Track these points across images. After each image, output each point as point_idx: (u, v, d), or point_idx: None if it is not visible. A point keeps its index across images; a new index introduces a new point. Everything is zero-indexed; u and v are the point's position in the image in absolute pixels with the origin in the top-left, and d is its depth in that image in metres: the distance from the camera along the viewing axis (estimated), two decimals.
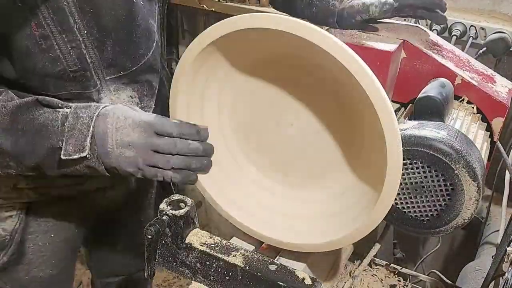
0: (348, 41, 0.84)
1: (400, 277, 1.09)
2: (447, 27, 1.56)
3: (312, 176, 0.80)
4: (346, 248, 0.94)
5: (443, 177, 0.71)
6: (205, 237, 0.70)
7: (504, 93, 0.88)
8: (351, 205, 0.74)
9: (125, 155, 0.72)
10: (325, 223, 0.77)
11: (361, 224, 0.70)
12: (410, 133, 0.72)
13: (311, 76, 0.74)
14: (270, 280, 0.62)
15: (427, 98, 0.79)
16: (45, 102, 0.73)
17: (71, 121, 0.71)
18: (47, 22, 0.74)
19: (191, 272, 0.68)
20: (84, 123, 0.71)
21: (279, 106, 0.78)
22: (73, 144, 0.71)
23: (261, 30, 0.65)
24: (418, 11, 0.94)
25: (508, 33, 1.47)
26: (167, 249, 0.69)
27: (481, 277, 1.21)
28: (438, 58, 0.87)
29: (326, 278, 0.90)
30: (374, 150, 0.67)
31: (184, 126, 0.75)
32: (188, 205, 0.69)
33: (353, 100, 0.70)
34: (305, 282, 0.62)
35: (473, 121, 0.86)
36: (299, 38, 0.62)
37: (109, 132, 0.72)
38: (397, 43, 0.84)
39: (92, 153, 0.72)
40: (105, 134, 0.72)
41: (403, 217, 0.77)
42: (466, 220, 0.73)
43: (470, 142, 0.73)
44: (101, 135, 0.72)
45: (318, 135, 0.77)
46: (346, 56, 0.61)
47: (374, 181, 0.69)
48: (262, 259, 0.66)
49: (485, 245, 1.44)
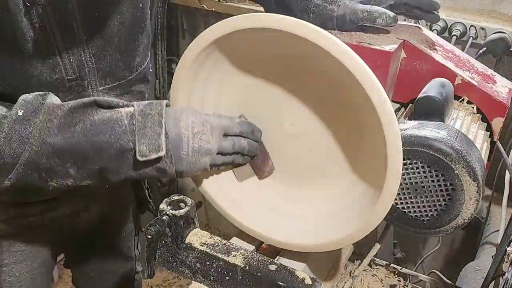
0: (348, 41, 0.84)
1: (400, 277, 1.09)
2: (447, 27, 1.56)
3: (312, 176, 0.80)
4: (346, 248, 0.94)
5: (443, 177, 0.71)
6: (205, 237, 0.70)
7: (504, 93, 0.88)
8: (351, 205, 0.74)
9: (200, 161, 0.69)
10: (325, 223, 0.77)
11: (361, 224, 0.70)
12: (410, 133, 0.72)
13: (311, 76, 0.74)
14: (270, 280, 0.62)
15: (427, 98, 0.79)
16: (105, 103, 0.68)
17: (140, 119, 0.66)
18: (51, 26, 0.70)
19: (191, 272, 0.68)
20: (154, 121, 0.66)
21: (279, 106, 0.78)
22: (147, 143, 0.65)
23: (261, 30, 0.65)
24: (413, 10, 0.94)
25: (508, 33, 1.47)
26: (167, 249, 0.69)
27: (481, 277, 1.21)
28: (438, 58, 0.87)
29: (326, 278, 0.91)
30: (374, 150, 0.67)
31: (243, 125, 0.75)
32: (188, 205, 0.69)
33: (353, 100, 0.70)
34: (305, 282, 0.62)
35: (473, 121, 0.86)
36: (299, 38, 0.62)
37: (184, 137, 0.68)
38: (397, 43, 0.84)
39: (167, 153, 0.67)
40: (179, 139, 0.68)
41: (403, 217, 0.77)
42: (466, 220, 0.73)
43: (470, 142, 0.73)
44: (174, 139, 0.67)
45: (318, 135, 0.77)
46: (347, 56, 0.61)
47: (374, 181, 0.69)
48: (262, 259, 0.66)
49: (485, 245, 1.44)
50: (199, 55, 0.72)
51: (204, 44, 0.71)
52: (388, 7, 0.93)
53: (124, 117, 0.66)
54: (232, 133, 0.74)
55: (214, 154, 0.72)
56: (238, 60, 0.76)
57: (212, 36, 0.70)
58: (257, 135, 0.78)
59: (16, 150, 0.63)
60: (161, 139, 0.65)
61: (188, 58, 0.73)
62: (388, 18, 0.87)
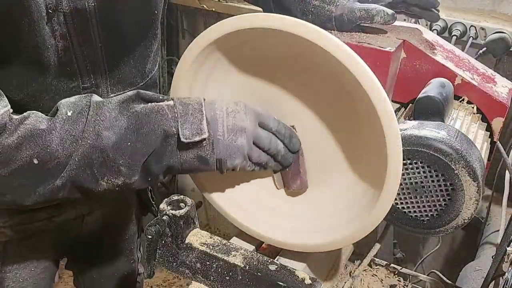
0: (348, 41, 0.84)
1: (400, 277, 1.09)
2: (447, 27, 1.56)
3: (312, 176, 0.80)
4: (346, 248, 0.94)
5: (443, 177, 0.71)
6: (205, 237, 0.70)
7: (504, 93, 0.88)
8: (351, 205, 0.74)
9: (236, 143, 0.68)
10: (325, 223, 0.77)
11: (361, 224, 0.70)
12: (410, 133, 0.72)
13: (311, 76, 0.74)
14: (270, 280, 0.62)
15: (427, 98, 0.79)
16: (146, 97, 0.69)
17: (181, 108, 0.67)
18: (70, 33, 0.71)
19: (191, 272, 0.68)
20: (195, 109, 0.67)
21: (279, 106, 0.78)
22: (189, 128, 0.66)
23: (261, 30, 0.65)
24: (411, 8, 0.94)
25: (508, 33, 1.47)
26: (167, 249, 0.69)
27: (481, 277, 1.21)
28: (438, 58, 0.87)
29: (326, 278, 0.91)
30: (374, 150, 0.67)
31: (281, 125, 0.73)
32: (188, 205, 0.69)
33: (353, 100, 0.70)
34: (305, 282, 0.62)
35: (473, 121, 0.86)
36: (299, 38, 0.62)
37: (219, 117, 0.68)
38: (397, 43, 0.84)
39: (208, 138, 0.67)
40: (214, 120, 0.68)
41: (403, 217, 0.77)
42: (466, 220, 0.73)
43: (470, 142, 0.73)
44: (211, 122, 0.67)
45: (318, 135, 0.77)
46: (347, 56, 0.61)
47: (374, 181, 0.69)
48: (262, 259, 0.66)
49: (485, 245, 1.44)
50: (199, 55, 0.72)
51: (204, 44, 0.71)
52: (387, 5, 0.92)
53: (166, 108, 0.67)
54: (268, 125, 0.71)
55: (250, 138, 0.69)
56: (238, 60, 0.76)
57: (212, 36, 0.70)
58: (295, 144, 0.74)
59: (69, 149, 0.63)
60: (202, 124, 0.66)
61: (188, 58, 0.73)
62: (386, 16, 0.86)
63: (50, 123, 0.64)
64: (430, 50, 0.88)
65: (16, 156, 0.62)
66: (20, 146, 0.62)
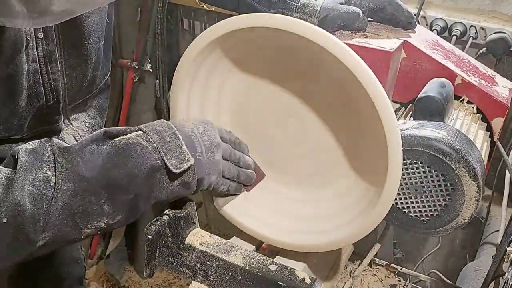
0: (348, 41, 0.84)
1: (400, 277, 1.10)
2: (447, 27, 1.56)
3: (312, 176, 0.80)
4: (346, 248, 0.94)
5: (443, 177, 0.71)
6: (205, 237, 0.70)
7: (504, 93, 0.88)
8: (351, 205, 0.74)
9: (213, 160, 0.69)
10: (325, 223, 0.77)
11: (361, 224, 0.70)
12: (410, 133, 0.72)
13: (312, 76, 0.74)
14: (270, 280, 0.62)
15: (427, 98, 0.79)
16: (114, 132, 0.64)
17: (156, 137, 0.64)
18: (38, 55, 0.69)
19: (191, 272, 0.68)
20: (170, 135, 0.65)
21: (279, 106, 0.78)
22: (174, 157, 0.63)
23: (261, 29, 0.65)
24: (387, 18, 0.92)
25: (508, 33, 1.47)
26: (167, 249, 0.69)
27: (481, 277, 1.21)
28: (438, 58, 0.87)
29: (326, 278, 0.90)
30: (374, 150, 0.67)
31: (229, 134, 0.75)
32: (188, 205, 0.69)
33: (353, 100, 0.70)
34: (305, 282, 0.62)
35: (473, 121, 0.86)
36: (299, 37, 0.62)
37: (194, 138, 0.67)
38: (397, 43, 0.84)
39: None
40: (191, 142, 0.67)
41: (403, 217, 0.77)
42: (466, 220, 0.73)
43: (470, 142, 0.73)
44: (188, 145, 0.66)
45: (318, 135, 0.77)
46: (347, 56, 0.61)
47: (374, 181, 0.69)
48: (262, 259, 0.66)
49: (485, 245, 1.44)
50: (199, 55, 0.72)
51: (204, 43, 0.71)
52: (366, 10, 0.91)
53: (141, 140, 0.63)
54: (225, 137, 0.74)
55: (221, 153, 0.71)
56: (238, 60, 0.76)
57: (212, 35, 0.70)
58: (243, 147, 0.78)
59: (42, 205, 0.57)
60: (183, 149, 0.64)
61: (188, 58, 0.73)
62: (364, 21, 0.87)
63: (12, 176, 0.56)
64: (430, 50, 0.88)
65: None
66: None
